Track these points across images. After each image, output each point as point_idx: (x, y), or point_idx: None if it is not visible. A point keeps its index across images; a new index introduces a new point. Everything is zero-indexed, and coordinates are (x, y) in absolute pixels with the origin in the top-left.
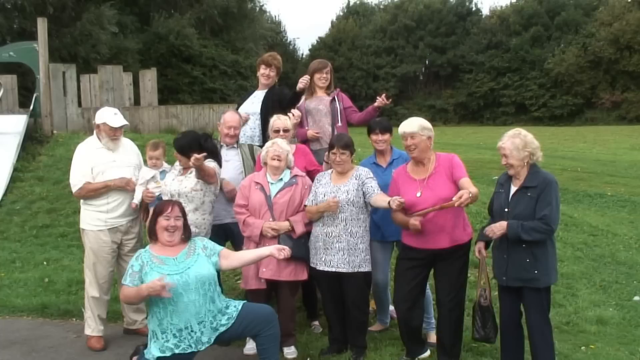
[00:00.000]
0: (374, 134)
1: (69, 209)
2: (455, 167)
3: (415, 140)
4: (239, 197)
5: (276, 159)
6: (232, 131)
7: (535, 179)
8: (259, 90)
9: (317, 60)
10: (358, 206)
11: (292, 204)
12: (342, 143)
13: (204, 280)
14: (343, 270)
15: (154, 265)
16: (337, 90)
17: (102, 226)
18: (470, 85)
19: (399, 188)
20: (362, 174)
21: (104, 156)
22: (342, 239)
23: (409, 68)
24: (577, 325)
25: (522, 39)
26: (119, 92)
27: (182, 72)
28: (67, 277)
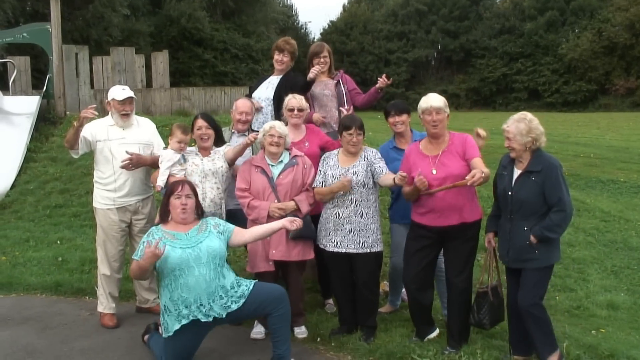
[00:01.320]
0: (390, 117)
1: (81, 190)
2: (469, 147)
3: (440, 116)
4: (240, 180)
5: (274, 144)
6: (244, 117)
7: (539, 163)
8: (274, 75)
9: (314, 44)
10: (367, 187)
11: (295, 184)
12: (358, 123)
13: (215, 254)
14: (353, 251)
15: (166, 241)
16: (341, 73)
17: (110, 205)
18: (483, 70)
19: (410, 164)
20: (370, 155)
21: (114, 133)
22: (352, 220)
23: (420, 53)
24: (587, 309)
25: (536, 23)
26: (131, 74)
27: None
28: (80, 256)
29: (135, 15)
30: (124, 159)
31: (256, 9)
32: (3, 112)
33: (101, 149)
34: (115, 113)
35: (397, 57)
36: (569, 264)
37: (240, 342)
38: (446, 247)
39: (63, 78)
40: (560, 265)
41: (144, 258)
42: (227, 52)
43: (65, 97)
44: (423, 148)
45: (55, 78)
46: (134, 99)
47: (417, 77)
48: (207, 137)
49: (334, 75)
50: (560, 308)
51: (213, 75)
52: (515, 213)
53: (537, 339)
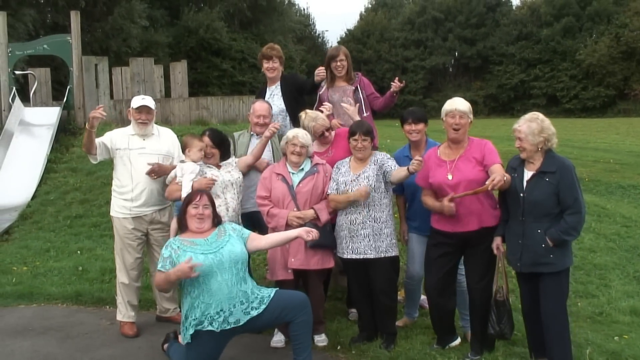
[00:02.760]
0: (407, 124)
1: (101, 200)
2: (488, 153)
3: (463, 120)
4: (261, 188)
5: (296, 154)
6: (262, 120)
7: (553, 164)
8: (271, 85)
9: (331, 47)
10: (380, 191)
11: (315, 193)
12: (363, 129)
13: (237, 259)
14: (370, 257)
15: (186, 248)
16: (359, 77)
17: (127, 214)
18: (500, 77)
19: (428, 170)
20: (379, 158)
21: (135, 142)
22: (366, 225)
23: (438, 60)
24: (610, 315)
25: (553, 29)
26: (150, 84)
27: (211, 65)
28: (100, 266)
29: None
30: (147, 171)
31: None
32: (24, 124)
33: (120, 157)
34: (134, 122)
35: (414, 64)
36: (591, 270)
37: (261, 350)
38: (467, 254)
39: (83, 89)
40: (582, 272)
41: (175, 272)
42: (245, 61)
43: (85, 108)
44: (441, 153)
45: (75, 89)
46: (152, 109)
47: (434, 85)
48: (210, 155)
49: (353, 80)
50: (582, 314)
51: (231, 85)
52: (528, 215)
53: (555, 350)
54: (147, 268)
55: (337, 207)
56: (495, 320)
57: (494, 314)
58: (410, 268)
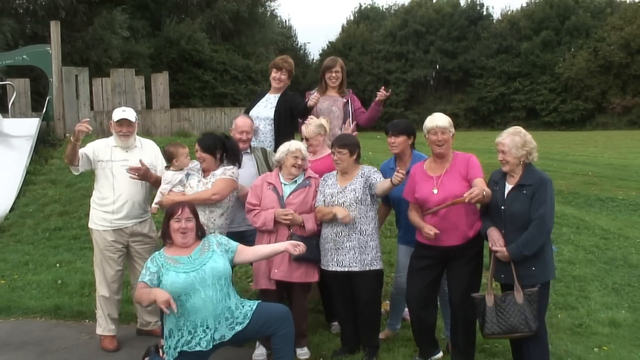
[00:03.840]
0: (388, 137)
1: (81, 212)
2: (472, 167)
3: (445, 136)
4: (251, 195)
5: (296, 166)
6: (245, 136)
7: (531, 178)
8: (271, 93)
9: (329, 57)
10: (366, 204)
11: (305, 206)
12: (340, 142)
13: (220, 275)
14: (355, 269)
15: (169, 267)
16: (350, 93)
17: (107, 226)
18: (481, 90)
19: (415, 184)
20: (366, 172)
21: (117, 154)
22: (352, 237)
23: (419, 73)
24: (589, 327)
25: (532, 43)
26: (131, 95)
27: (193, 76)
28: (80, 279)
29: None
30: (132, 166)
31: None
32: (2, 135)
33: (102, 169)
34: (115, 134)
35: (395, 77)
36: (570, 281)
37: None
38: (449, 266)
39: (63, 100)
40: (562, 283)
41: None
42: (227, 73)
43: (65, 119)
44: (427, 168)
45: (55, 100)
46: (133, 121)
47: (416, 97)
48: (202, 160)
49: (345, 94)
50: (562, 326)
51: (213, 96)
52: (509, 228)
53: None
54: (127, 281)
55: (322, 219)
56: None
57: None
58: (398, 279)
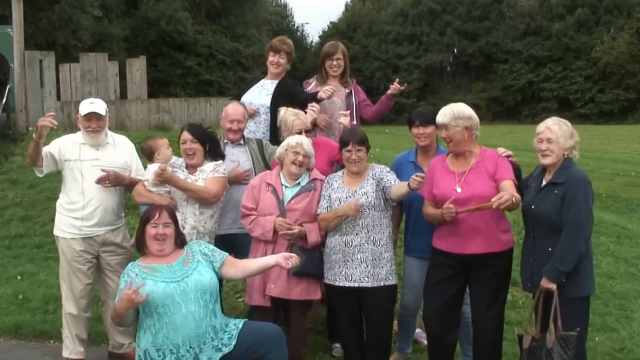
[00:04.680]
0: (414, 127)
1: (45, 217)
2: (501, 166)
3: (449, 132)
4: (247, 198)
5: (297, 164)
6: (236, 125)
7: (564, 175)
8: (268, 79)
9: (328, 43)
10: (379, 209)
11: (309, 212)
12: (357, 138)
13: (204, 289)
14: (367, 285)
15: (145, 275)
16: (353, 82)
17: (75, 234)
18: (506, 77)
19: (434, 179)
20: (377, 172)
21: (86, 153)
22: (364, 248)
23: (434, 58)
24: (632, 352)
25: (565, 23)
26: (103, 83)
27: (174, 62)
28: (44, 294)
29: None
30: (100, 177)
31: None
32: None
33: (70, 170)
34: (83, 130)
35: (407, 62)
36: (609, 299)
37: None
38: (471, 279)
39: (25, 89)
40: (600, 301)
41: (119, 302)
42: (213, 58)
43: (28, 110)
44: (449, 162)
45: (16, 89)
46: (103, 115)
47: (430, 86)
48: (192, 152)
49: (348, 83)
50: (600, 351)
51: (197, 84)
52: (538, 230)
53: None
54: (97, 296)
55: (327, 228)
56: None
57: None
58: (405, 297)
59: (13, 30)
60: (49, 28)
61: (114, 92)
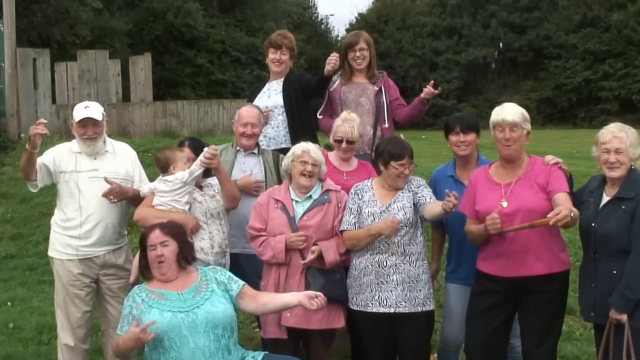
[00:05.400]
0: (453, 134)
1: (39, 235)
2: (554, 177)
3: (515, 134)
4: (255, 218)
5: (307, 174)
6: (250, 129)
7: (633, 189)
8: (272, 81)
9: (350, 33)
10: (416, 226)
11: (324, 228)
12: (410, 151)
13: (217, 322)
14: (404, 310)
15: (152, 303)
16: (384, 77)
17: (72, 255)
18: (559, 75)
19: (476, 194)
20: (414, 184)
21: (83, 163)
22: (400, 269)
23: (477, 53)
24: None
25: (626, 13)
26: (104, 84)
27: (183, 59)
28: (37, 322)
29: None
30: (105, 190)
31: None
32: None
33: (66, 183)
34: (78, 137)
35: (445, 59)
36: None
37: None
38: (522, 307)
39: (17, 91)
40: None
41: (124, 340)
42: (227, 55)
43: (20, 115)
44: (493, 174)
45: (6, 91)
46: (100, 121)
47: (472, 85)
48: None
49: (377, 78)
50: None
51: (208, 85)
52: (600, 251)
53: None
54: (96, 325)
55: (354, 246)
56: None
57: None
58: (446, 329)
59: (3, 25)
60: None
61: (116, 94)
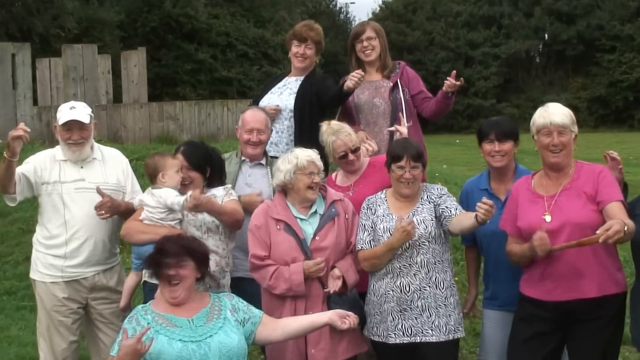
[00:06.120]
0: (487, 142)
1: (18, 254)
2: (604, 184)
3: (564, 138)
4: (255, 244)
5: (313, 186)
6: (255, 136)
7: None
8: (292, 76)
9: (357, 23)
10: (440, 242)
11: (339, 247)
12: (413, 151)
13: (230, 355)
14: (431, 339)
15: (160, 328)
16: (401, 68)
17: (57, 277)
18: (613, 70)
19: (517, 208)
20: (434, 193)
21: (68, 172)
22: (425, 293)
23: (518, 46)
24: None
25: None
26: (92, 83)
27: (182, 54)
28: (17, 354)
29: None
30: (97, 203)
31: None
32: None
33: (49, 195)
34: (62, 142)
35: (483, 53)
36: None
37: None
38: (572, 335)
39: None
40: None
41: (119, 355)
42: (232, 49)
43: None
44: (536, 185)
45: None
46: (87, 124)
47: (513, 82)
48: (188, 181)
49: (392, 71)
50: None
51: (211, 83)
52: None
53: None
54: (84, 357)
55: (372, 267)
56: None
57: None
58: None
59: None
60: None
61: (106, 94)
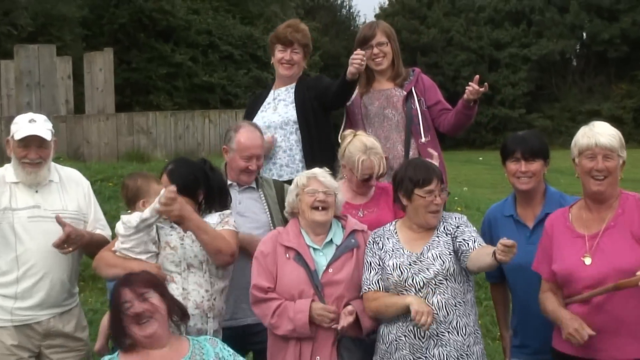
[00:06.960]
0: (512, 161)
1: None
2: None
3: (610, 164)
4: (260, 274)
5: (321, 206)
6: (255, 164)
7: None
8: (279, 87)
9: (363, 25)
10: (461, 280)
11: (356, 284)
12: (438, 174)
13: None
14: None
15: None
16: (415, 75)
17: (5, 321)
18: None
19: (553, 248)
20: (452, 223)
21: (21, 197)
22: (444, 340)
23: (552, 46)
24: None
25: None
26: (49, 89)
27: (156, 56)
28: None
29: None
30: (59, 239)
31: None
32: None
33: None
34: (15, 161)
35: (510, 54)
36: None
37: None
38: None
39: None
40: None
41: None
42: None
43: None
44: (574, 219)
45: None
46: (48, 141)
47: (546, 89)
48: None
49: (405, 79)
50: None
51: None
52: None
53: None
54: None
55: (379, 315)
56: None
57: None
58: None
59: None
60: None
61: (66, 103)
